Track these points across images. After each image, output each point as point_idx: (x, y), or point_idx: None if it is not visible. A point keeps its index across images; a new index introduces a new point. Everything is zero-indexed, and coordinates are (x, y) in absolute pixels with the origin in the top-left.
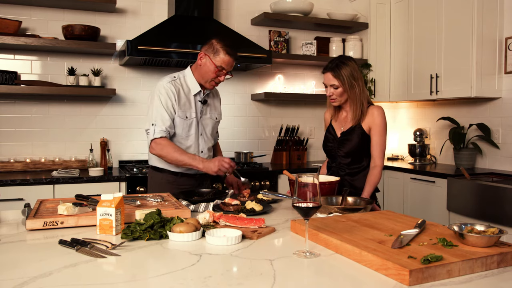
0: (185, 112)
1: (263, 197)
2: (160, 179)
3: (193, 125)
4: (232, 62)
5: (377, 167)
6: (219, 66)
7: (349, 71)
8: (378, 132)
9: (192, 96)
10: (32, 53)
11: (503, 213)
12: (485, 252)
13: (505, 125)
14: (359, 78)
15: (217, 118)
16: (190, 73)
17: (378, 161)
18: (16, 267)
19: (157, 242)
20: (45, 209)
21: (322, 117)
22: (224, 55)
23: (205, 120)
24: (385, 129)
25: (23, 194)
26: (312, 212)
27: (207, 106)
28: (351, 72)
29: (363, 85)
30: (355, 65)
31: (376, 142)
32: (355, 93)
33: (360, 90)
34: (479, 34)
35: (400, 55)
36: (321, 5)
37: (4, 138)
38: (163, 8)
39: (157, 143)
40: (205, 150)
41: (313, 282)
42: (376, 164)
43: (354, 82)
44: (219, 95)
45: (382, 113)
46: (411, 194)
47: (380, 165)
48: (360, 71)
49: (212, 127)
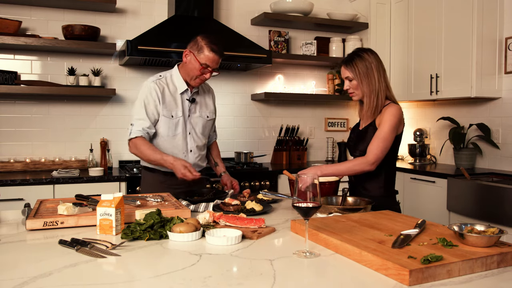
0: (170, 111)
1: (263, 197)
2: (151, 179)
3: (179, 124)
4: (217, 59)
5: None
6: (203, 64)
7: (363, 62)
8: (381, 127)
9: (179, 95)
10: (32, 53)
11: (503, 213)
12: (485, 252)
13: (505, 125)
14: (376, 70)
15: (209, 117)
16: (176, 72)
17: (370, 156)
18: (16, 267)
19: (157, 242)
20: (45, 209)
21: (322, 117)
22: (208, 52)
23: (194, 118)
24: (391, 126)
25: (23, 194)
26: (312, 212)
27: (196, 104)
28: (365, 64)
29: (380, 78)
30: (371, 57)
31: (375, 135)
32: (369, 85)
33: (375, 82)
34: (479, 34)
35: (400, 55)
36: (321, 5)
37: (4, 138)
38: (163, 8)
39: (133, 143)
40: (195, 149)
41: (313, 282)
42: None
43: (368, 73)
44: (213, 92)
45: (393, 111)
46: (411, 194)
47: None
48: (379, 63)
49: (203, 125)
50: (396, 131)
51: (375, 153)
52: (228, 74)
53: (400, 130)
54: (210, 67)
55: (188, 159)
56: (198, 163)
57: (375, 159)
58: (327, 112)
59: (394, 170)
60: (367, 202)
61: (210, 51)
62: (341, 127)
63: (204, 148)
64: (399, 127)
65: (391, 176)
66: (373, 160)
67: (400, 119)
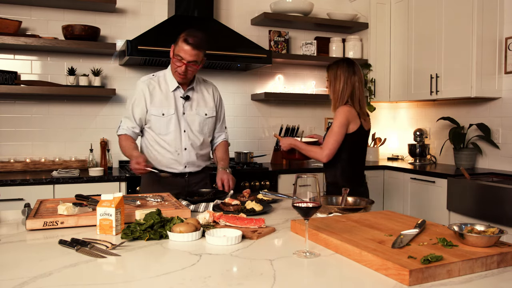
0: (161, 109)
1: (263, 197)
2: (147, 178)
3: (172, 122)
4: (190, 51)
5: (319, 153)
6: (176, 55)
7: (334, 70)
8: (332, 125)
9: (171, 92)
10: (32, 53)
11: (503, 213)
12: (485, 252)
13: (505, 125)
14: (343, 79)
15: (208, 114)
16: (169, 70)
17: (324, 150)
18: (16, 267)
19: (157, 242)
20: (45, 209)
21: (322, 117)
22: (181, 43)
23: (190, 116)
24: (339, 123)
25: (23, 194)
26: (312, 212)
27: (191, 101)
28: (336, 72)
29: (345, 86)
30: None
31: (327, 132)
32: (334, 88)
33: (339, 88)
34: (479, 34)
35: (400, 55)
36: (321, 5)
37: (4, 138)
38: (163, 8)
39: (119, 139)
40: (190, 147)
41: (313, 282)
42: (322, 150)
43: (335, 80)
44: (215, 90)
45: (340, 110)
46: (411, 194)
47: (321, 154)
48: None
49: (200, 123)
50: (345, 128)
51: (328, 148)
52: (228, 74)
53: (352, 128)
54: (184, 60)
55: (182, 157)
56: (195, 162)
57: (327, 152)
58: (327, 112)
59: (356, 163)
60: (367, 202)
61: (182, 41)
62: None
63: (204, 147)
64: (350, 126)
65: (349, 168)
66: (325, 153)
67: (347, 117)
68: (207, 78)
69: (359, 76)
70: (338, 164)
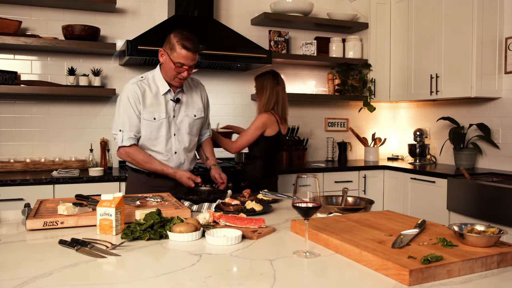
0: (152, 113)
1: (263, 197)
2: (134, 179)
3: (163, 126)
4: (192, 56)
5: (230, 145)
6: (177, 63)
7: (260, 81)
8: (249, 127)
9: (162, 96)
10: (32, 53)
11: (503, 213)
12: (485, 252)
13: (505, 125)
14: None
15: (197, 116)
16: (158, 72)
17: (235, 143)
18: (16, 267)
19: (157, 242)
20: (45, 209)
21: (322, 117)
22: (180, 49)
23: (179, 118)
24: (254, 126)
25: (23, 194)
26: (312, 212)
27: (181, 104)
28: (263, 82)
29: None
30: (270, 80)
31: (243, 132)
32: (260, 97)
33: (263, 97)
34: (479, 34)
35: (400, 55)
36: (321, 5)
37: (4, 138)
38: (163, 8)
39: (126, 152)
40: (180, 150)
41: (313, 282)
42: (234, 143)
43: (262, 90)
44: (202, 88)
45: (258, 117)
46: (411, 194)
47: (231, 146)
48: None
49: (190, 125)
50: (259, 131)
51: (239, 143)
52: (228, 74)
53: (269, 133)
54: (185, 65)
55: (172, 161)
56: (184, 165)
57: (237, 146)
58: (327, 112)
59: (271, 160)
60: (367, 202)
61: (182, 48)
62: (341, 127)
63: (192, 149)
64: (268, 130)
65: (265, 164)
66: (235, 146)
67: (264, 123)
68: (206, 78)
69: (282, 86)
70: (257, 161)
